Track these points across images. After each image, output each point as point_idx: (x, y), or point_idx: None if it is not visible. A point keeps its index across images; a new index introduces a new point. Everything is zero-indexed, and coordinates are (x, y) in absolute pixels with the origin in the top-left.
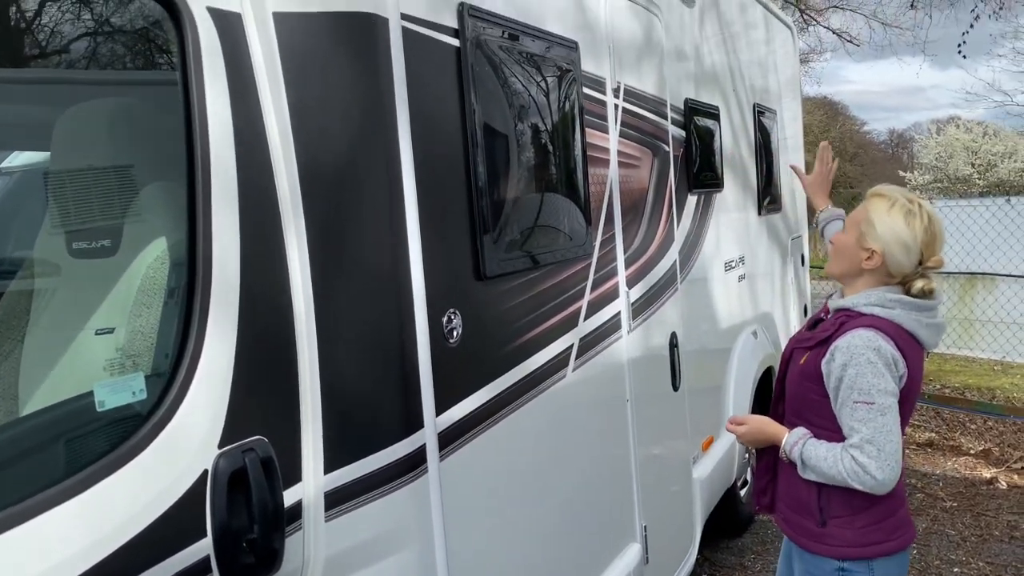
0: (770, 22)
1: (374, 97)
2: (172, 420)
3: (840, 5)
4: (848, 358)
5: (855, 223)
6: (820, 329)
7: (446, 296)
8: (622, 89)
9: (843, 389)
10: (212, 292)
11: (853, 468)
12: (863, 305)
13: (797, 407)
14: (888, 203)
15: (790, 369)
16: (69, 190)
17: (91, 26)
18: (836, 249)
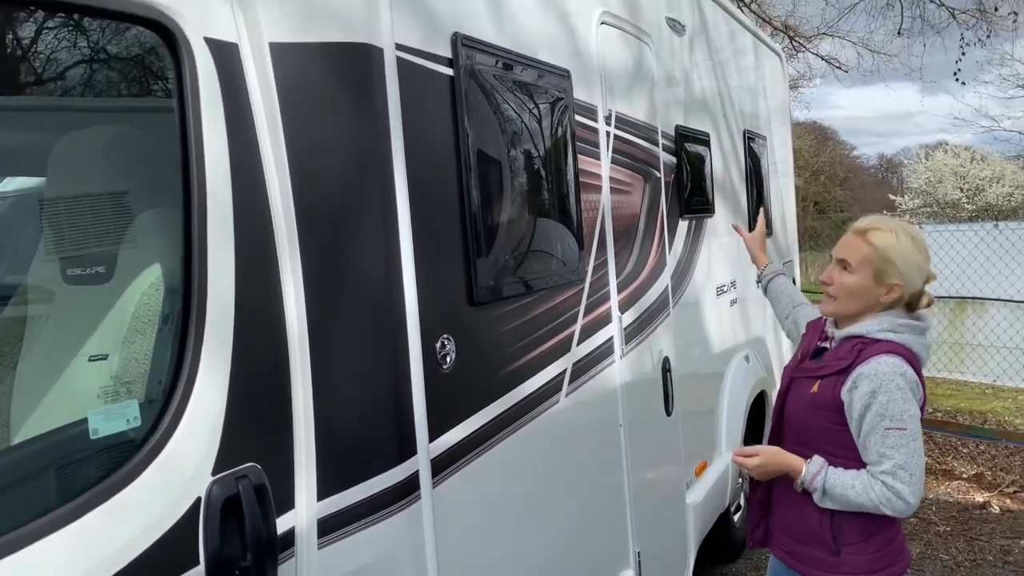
0: (759, 50)
1: (369, 127)
2: (166, 447)
3: (829, 32)
4: (877, 385)
5: (866, 263)
6: (832, 357)
7: (440, 322)
8: (613, 116)
9: (871, 416)
10: (207, 320)
11: (886, 495)
12: (877, 331)
13: (805, 437)
14: (893, 236)
15: (792, 399)
16: (64, 216)
17: (90, 54)
18: (848, 292)
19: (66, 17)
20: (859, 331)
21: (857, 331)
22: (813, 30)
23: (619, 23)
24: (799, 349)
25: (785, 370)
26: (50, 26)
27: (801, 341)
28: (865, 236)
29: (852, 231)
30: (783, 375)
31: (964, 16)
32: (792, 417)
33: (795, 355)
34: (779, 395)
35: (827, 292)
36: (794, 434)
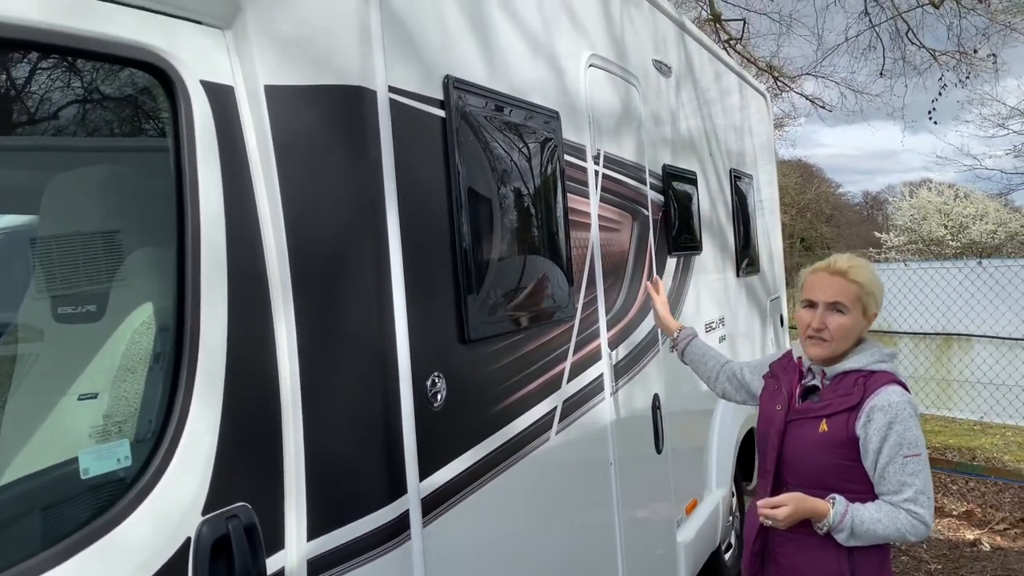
0: (744, 90)
1: (363, 168)
2: (156, 487)
3: (813, 73)
4: (893, 416)
5: (856, 301)
6: (834, 395)
7: (430, 360)
8: (602, 156)
9: (889, 446)
10: (199, 360)
11: (911, 522)
12: (873, 364)
13: (819, 477)
14: (867, 269)
15: (794, 440)
16: (56, 255)
17: (88, 96)
18: (844, 332)
19: (65, 59)
20: (856, 365)
21: (854, 365)
22: (797, 70)
23: (607, 65)
24: (780, 391)
25: (771, 414)
26: (49, 67)
27: (771, 386)
28: (847, 275)
29: (830, 272)
30: (769, 419)
31: (945, 58)
32: (797, 459)
33: (775, 397)
34: (772, 440)
35: (819, 337)
36: (803, 476)
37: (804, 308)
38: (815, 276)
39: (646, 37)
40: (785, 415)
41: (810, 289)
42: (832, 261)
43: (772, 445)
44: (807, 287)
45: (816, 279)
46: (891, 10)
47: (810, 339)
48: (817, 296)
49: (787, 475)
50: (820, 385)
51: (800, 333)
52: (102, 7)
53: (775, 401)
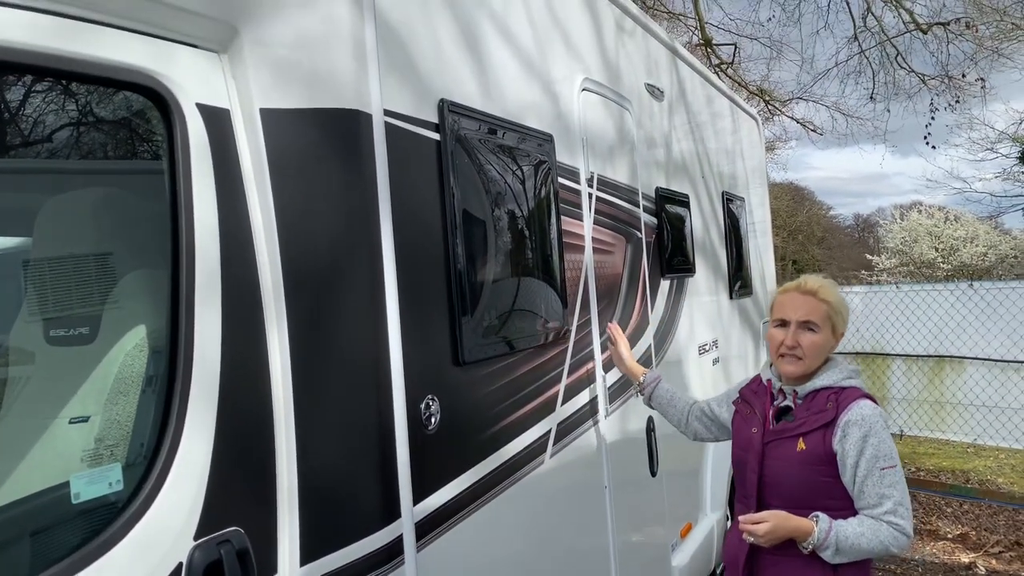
0: (736, 113)
1: (358, 192)
2: (148, 512)
3: (804, 97)
4: (868, 429)
5: (827, 320)
6: (807, 413)
7: (424, 382)
8: (595, 179)
9: (866, 460)
10: (192, 383)
11: (893, 534)
12: (843, 380)
13: (799, 496)
14: (835, 289)
15: (773, 462)
16: (49, 278)
17: (83, 118)
18: (816, 350)
19: (60, 82)
20: (826, 383)
21: (824, 383)
22: (788, 94)
23: (600, 89)
24: (753, 414)
25: (747, 438)
26: (44, 90)
27: (743, 411)
28: (817, 295)
29: (801, 291)
30: (745, 443)
31: (933, 82)
32: (778, 480)
33: (749, 420)
34: (751, 463)
35: (793, 355)
36: (785, 497)
37: (776, 327)
38: (786, 296)
39: (639, 61)
40: (762, 437)
41: (781, 309)
42: (803, 281)
43: (752, 468)
44: (778, 307)
45: (787, 299)
46: (880, 35)
47: (783, 357)
48: (789, 315)
49: (769, 497)
50: (793, 405)
51: (772, 352)
52: (98, 31)
53: (750, 424)
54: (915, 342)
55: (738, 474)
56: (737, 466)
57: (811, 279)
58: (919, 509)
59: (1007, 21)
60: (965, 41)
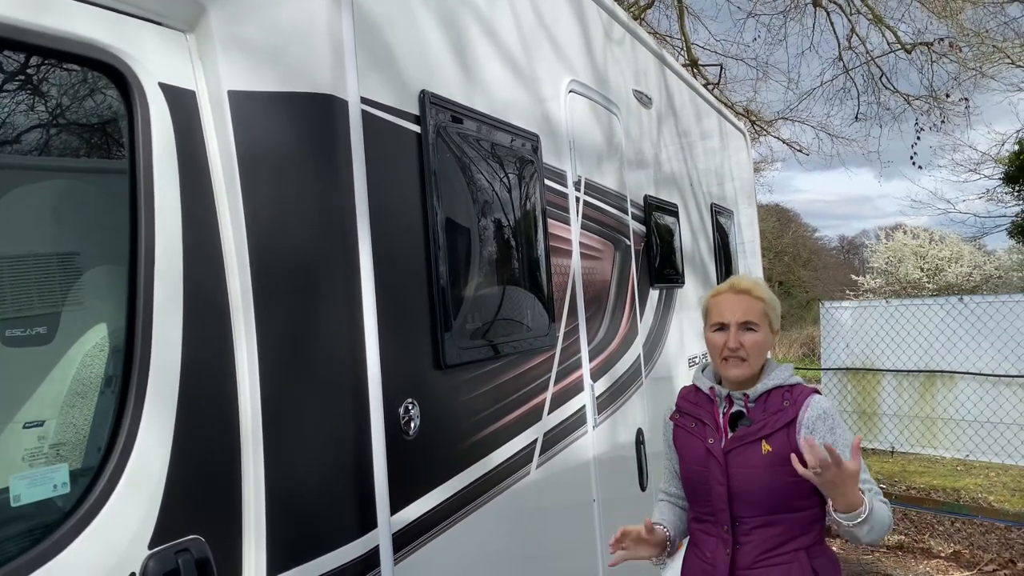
0: (724, 126)
1: (333, 181)
2: (97, 517)
3: (789, 117)
4: (832, 422)
5: (764, 318)
6: (764, 414)
7: (404, 385)
8: (583, 183)
9: (839, 450)
10: (149, 383)
11: (888, 517)
12: (789, 378)
13: (772, 502)
14: (761, 283)
15: (738, 471)
16: (3, 276)
17: (34, 100)
18: (758, 349)
19: (8, 58)
20: (776, 383)
21: (774, 383)
22: (774, 115)
23: (587, 92)
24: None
25: (701, 452)
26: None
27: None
28: (752, 293)
29: (735, 292)
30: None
31: (918, 102)
32: (746, 489)
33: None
34: (715, 475)
35: (737, 356)
36: (756, 505)
37: (714, 331)
38: (720, 298)
39: (626, 67)
40: (721, 446)
41: (717, 312)
42: (735, 282)
43: (717, 480)
44: (713, 311)
45: (722, 300)
46: (864, 56)
47: (727, 360)
48: (727, 317)
49: (738, 510)
50: (745, 410)
51: (714, 357)
52: (53, 0)
53: (702, 437)
54: (905, 357)
55: (697, 491)
56: (693, 483)
57: (742, 279)
58: (911, 527)
59: (988, 44)
60: (949, 62)
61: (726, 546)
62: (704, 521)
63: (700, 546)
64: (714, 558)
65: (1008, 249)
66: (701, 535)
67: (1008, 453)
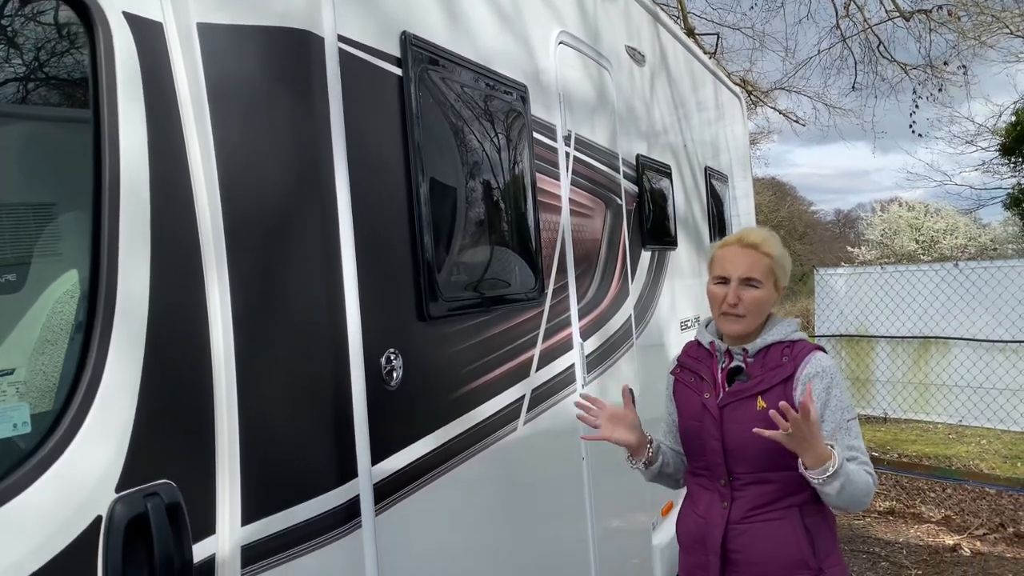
0: (719, 88)
1: (308, 121)
2: (61, 458)
3: (786, 87)
4: (829, 380)
5: (769, 275)
6: (762, 370)
7: (385, 335)
8: (573, 138)
9: (831, 412)
10: (115, 323)
11: (868, 481)
12: (791, 334)
13: (766, 459)
14: (779, 242)
15: (733, 427)
16: None
17: None
18: (758, 306)
19: None
20: (777, 337)
21: (775, 338)
22: (771, 84)
23: (578, 44)
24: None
25: (697, 406)
26: None
27: (686, 379)
28: (759, 248)
29: (742, 245)
30: (696, 411)
31: (916, 72)
32: (740, 445)
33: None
34: (709, 430)
35: (734, 313)
36: (750, 462)
37: (716, 284)
38: (726, 251)
39: (618, 21)
40: (716, 401)
41: (721, 264)
42: (743, 235)
43: (712, 435)
44: (717, 263)
45: (727, 253)
46: (861, 24)
47: (724, 315)
48: (729, 271)
49: (732, 465)
50: (744, 365)
51: (713, 310)
52: None
53: (699, 391)
54: (900, 324)
55: (692, 446)
56: (689, 438)
57: (752, 232)
58: (902, 493)
59: (987, 14)
60: (948, 31)
61: (723, 500)
62: (700, 475)
63: (695, 500)
64: (708, 512)
65: (1003, 221)
66: (697, 489)
67: (1000, 418)
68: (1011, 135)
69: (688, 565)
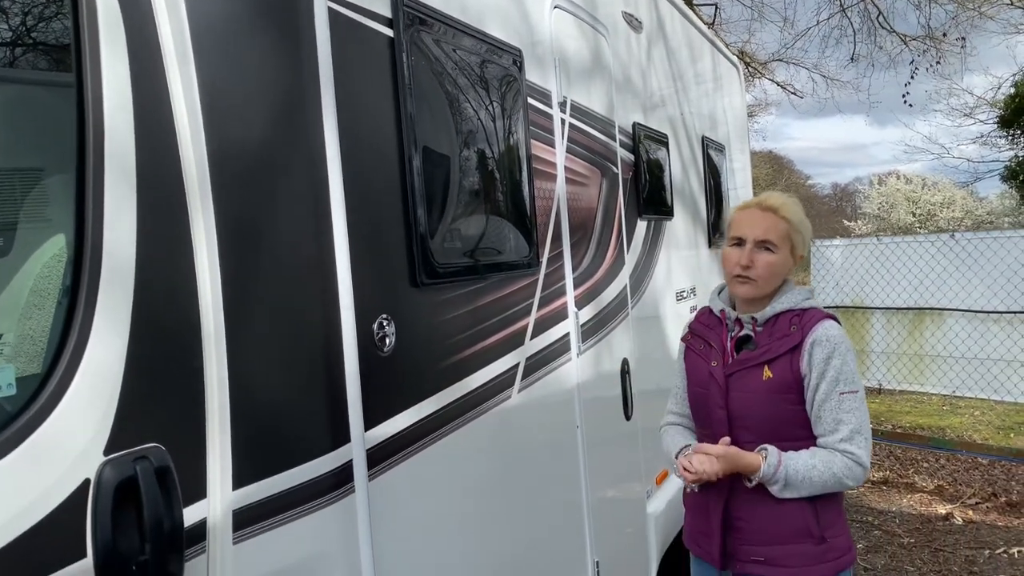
0: (717, 58)
1: (296, 77)
2: (47, 420)
3: (784, 58)
4: (831, 349)
5: (785, 239)
6: (770, 339)
7: (378, 301)
8: (568, 104)
9: (827, 382)
10: (101, 282)
11: (847, 464)
12: (803, 302)
13: (770, 429)
14: (798, 207)
15: (738, 394)
16: None
17: None
18: (772, 271)
19: None
20: (787, 306)
21: (785, 306)
22: (767, 55)
23: (574, 9)
24: (708, 349)
25: (705, 373)
26: None
27: (696, 346)
28: (778, 212)
29: (761, 208)
30: (704, 379)
31: (915, 43)
32: (745, 413)
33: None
34: (715, 398)
35: (746, 276)
36: (754, 431)
37: (731, 246)
38: (745, 212)
39: None
40: (723, 370)
41: (738, 226)
42: (764, 198)
43: (717, 404)
44: (735, 224)
45: (745, 215)
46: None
47: (736, 278)
48: (746, 233)
49: (737, 433)
50: (753, 333)
51: (726, 273)
52: None
53: (707, 359)
54: (895, 295)
55: (699, 413)
56: (697, 405)
57: (773, 195)
58: (895, 463)
59: None
60: (948, 0)
61: None
62: (708, 442)
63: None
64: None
65: (1000, 194)
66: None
67: (994, 389)
68: (1010, 107)
69: (693, 530)
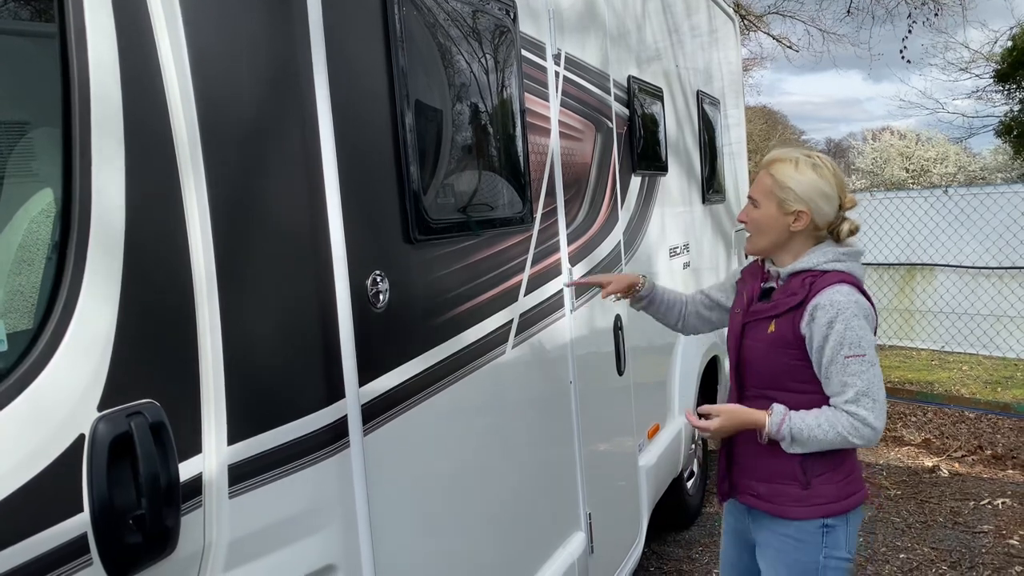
0: (713, 11)
1: (286, 29)
2: (39, 377)
3: (780, 11)
4: (834, 314)
5: (768, 195)
6: (782, 295)
7: (371, 257)
8: (563, 57)
9: (830, 346)
10: (90, 236)
11: (853, 424)
12: (824, 263)
13: (769, 378)
14: (792, 164)
15: (748, 342)
16: None
17: None
18: (757, 226)
19: None
20: (805, 265)
21: (803, 265)
22: (764, 8)
23: None
24: (742, 295)
25: (733, 316)
26: None
27: (740, 289)
28: (768, 169)
29: (763, 163)
30: (732, 321)
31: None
32: (752, 361)
33: (738, 301)
34: (732, 341)
35: (748, 230)
36: (756, 377)
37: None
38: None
39: None
40: (743, 318)
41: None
42: (770, 153)
43: (732, 348)
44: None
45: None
46: None
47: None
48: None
49: (747, 378)
50: (776, 286)
51: None
52: None
53: (738, 304)
54: (887, 251)
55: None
56: (728, 346)
57: (775, 151)
58: None
59: None
60: None
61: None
62: (732, 381)
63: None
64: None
65: (994, 150)
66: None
67: (983, 344)
68: (1007, 61)
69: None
